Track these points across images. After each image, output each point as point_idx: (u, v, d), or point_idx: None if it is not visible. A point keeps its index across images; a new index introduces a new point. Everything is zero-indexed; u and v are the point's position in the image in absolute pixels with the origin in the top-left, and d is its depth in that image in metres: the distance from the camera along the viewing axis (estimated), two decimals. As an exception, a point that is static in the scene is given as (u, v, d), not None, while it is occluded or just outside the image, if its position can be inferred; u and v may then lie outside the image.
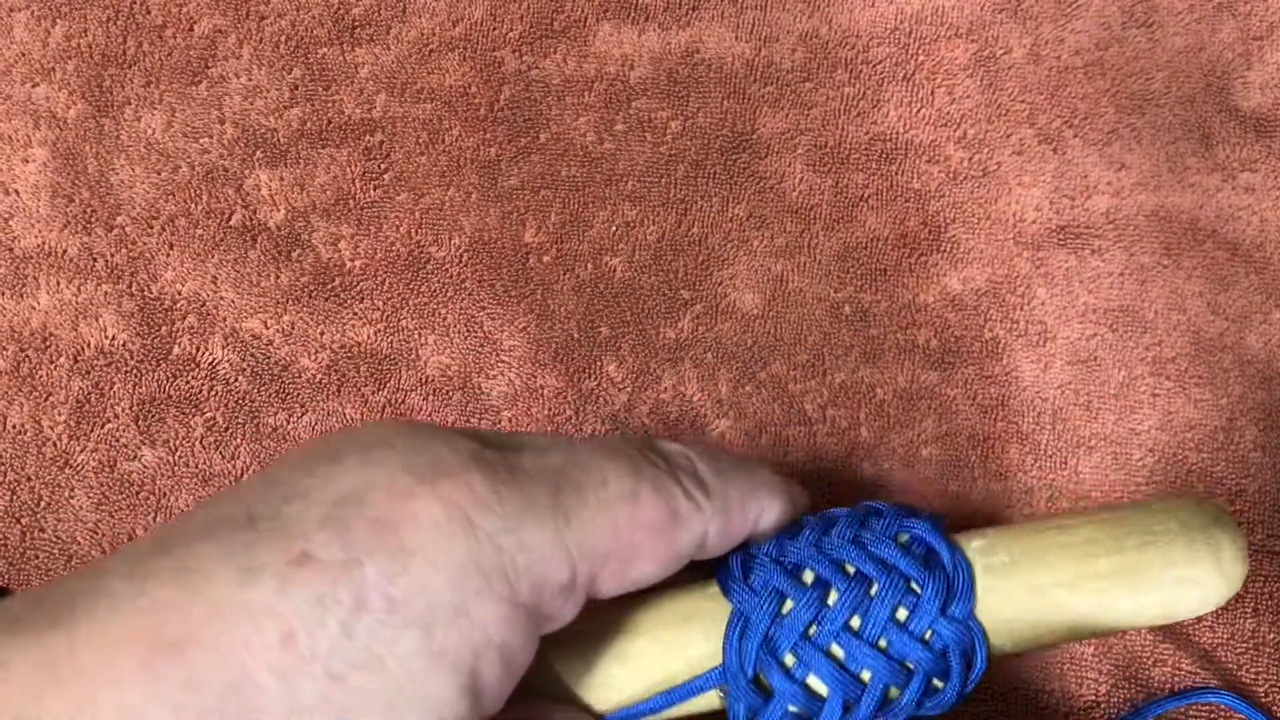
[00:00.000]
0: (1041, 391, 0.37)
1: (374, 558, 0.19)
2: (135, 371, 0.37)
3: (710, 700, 0.26)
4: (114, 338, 0.38)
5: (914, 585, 0.25)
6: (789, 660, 0.25)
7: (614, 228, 0.39)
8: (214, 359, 0.38)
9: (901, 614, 0.25)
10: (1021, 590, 0.25)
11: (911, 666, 0.25)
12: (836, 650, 0.25)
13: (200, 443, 0.37)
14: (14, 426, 0.37)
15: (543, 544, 0.20)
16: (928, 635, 0.25)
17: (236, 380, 0.37)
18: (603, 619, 0.26)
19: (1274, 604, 0.34)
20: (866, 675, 0.24)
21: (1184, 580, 0.25)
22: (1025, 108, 0.39)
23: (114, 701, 0.17)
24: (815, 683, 0.25)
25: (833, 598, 0.25)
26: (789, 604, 0.25)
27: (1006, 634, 0.25)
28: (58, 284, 0.38)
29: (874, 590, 0.25)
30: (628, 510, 0.22)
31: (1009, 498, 0.36)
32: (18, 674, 0.17)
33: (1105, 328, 0.37)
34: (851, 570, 0.25)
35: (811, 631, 0.25)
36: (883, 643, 0.25)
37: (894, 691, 0.25)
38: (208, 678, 0.18)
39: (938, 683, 0.25)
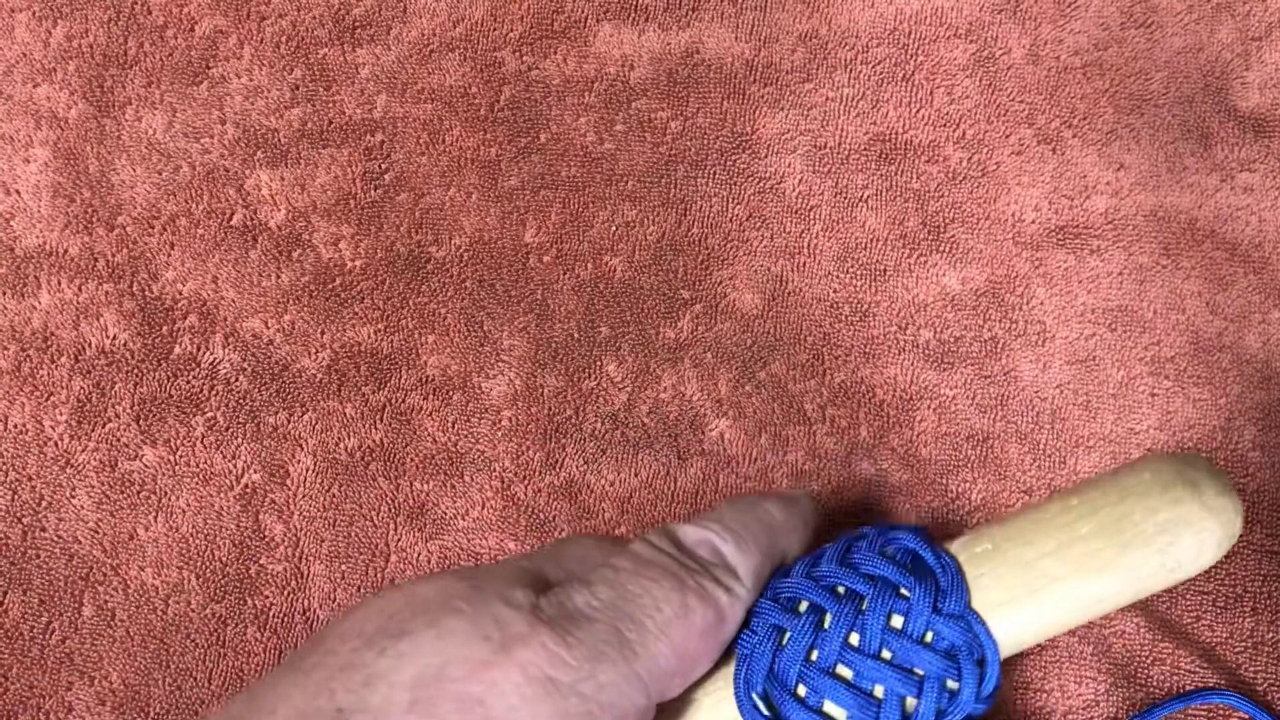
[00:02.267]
0: (1040, 391, 0.37)
1: None
2: (136, 371, 0.38)
3: None
4: (115, 337, 0.38)
5: (903, 591, 0.25)
6: (801, 691, 0.25)
7: (614, 228, 0.39)
8: (214, 359, 0.38)
9: (896, 621, 0.25)
10: (1009, 569, 0.25)
11: (921, 673, 0.24)
12: (844, 671, 0.24)
13: (201, 442, 0.37)
14: (15, 426, 0.37)
15: (618, 680, 0.22)
16: (928, 637, 0.24)
17: (237, 380, 0.37)
18: None
19: (1273, 603, 0.35)
20: (879, 691, 0.24)
21: (1171, 524, 0.24)
22: (1024, 108, 0.39)
23: None
24: (832, 708, 0.24)
25: (828, 620, 0.25)
26: (787, 635, 0.25)
27: (1009, 620, 0.25)
28: (59, 284, 0.38)
29: (865, 604, 0.25)
30: (682, 626, 0.23)
31: (1009, 497, 0.36)
32: None
33: (1104, 327, 0.37)
34: (842, 591, 0.25)
35: (814, 656, 0.25)
36: (886, 654, 0.24)
37: (911, 702, 0.24)
38: None
39: (952, 684, 0.24)
